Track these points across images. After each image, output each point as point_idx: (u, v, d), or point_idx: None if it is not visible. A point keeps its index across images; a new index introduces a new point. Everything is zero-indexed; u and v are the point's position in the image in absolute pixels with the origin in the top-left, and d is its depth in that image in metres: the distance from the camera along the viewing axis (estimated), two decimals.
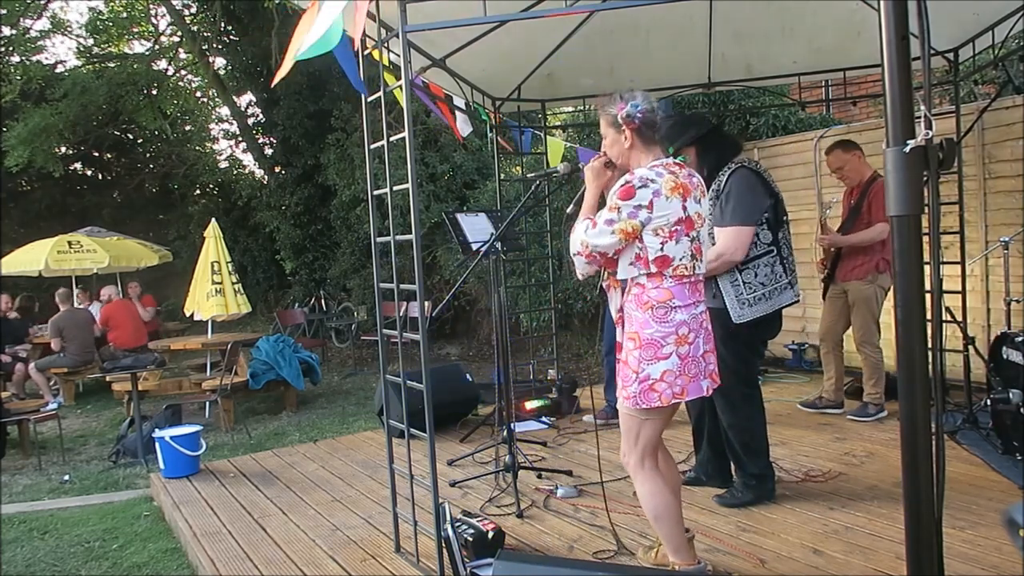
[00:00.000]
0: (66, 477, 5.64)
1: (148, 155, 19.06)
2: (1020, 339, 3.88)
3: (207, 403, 7.54)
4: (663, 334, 2.50)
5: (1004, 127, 5.27)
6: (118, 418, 7.68)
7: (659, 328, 2.50)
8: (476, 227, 4.39)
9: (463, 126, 5.05)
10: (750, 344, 3.51)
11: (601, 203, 2.69)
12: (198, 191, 18.67)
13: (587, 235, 2.52)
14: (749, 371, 3.57)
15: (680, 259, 2.51)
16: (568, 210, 2.81)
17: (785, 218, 3.55)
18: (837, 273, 4.93)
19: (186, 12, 14.72)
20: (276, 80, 3.28)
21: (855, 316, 4.90)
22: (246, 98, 15.66)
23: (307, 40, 2.87)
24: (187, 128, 19.66)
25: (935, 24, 2.13)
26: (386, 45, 3.27)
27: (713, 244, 3.36)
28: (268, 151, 14.42)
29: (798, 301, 3.56)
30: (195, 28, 14.65)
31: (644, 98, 2.59)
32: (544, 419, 5.46)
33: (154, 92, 16.32)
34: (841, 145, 4.93)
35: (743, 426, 3.54)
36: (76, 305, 10.24)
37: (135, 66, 15.31)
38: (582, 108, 6.74)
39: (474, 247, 4.07)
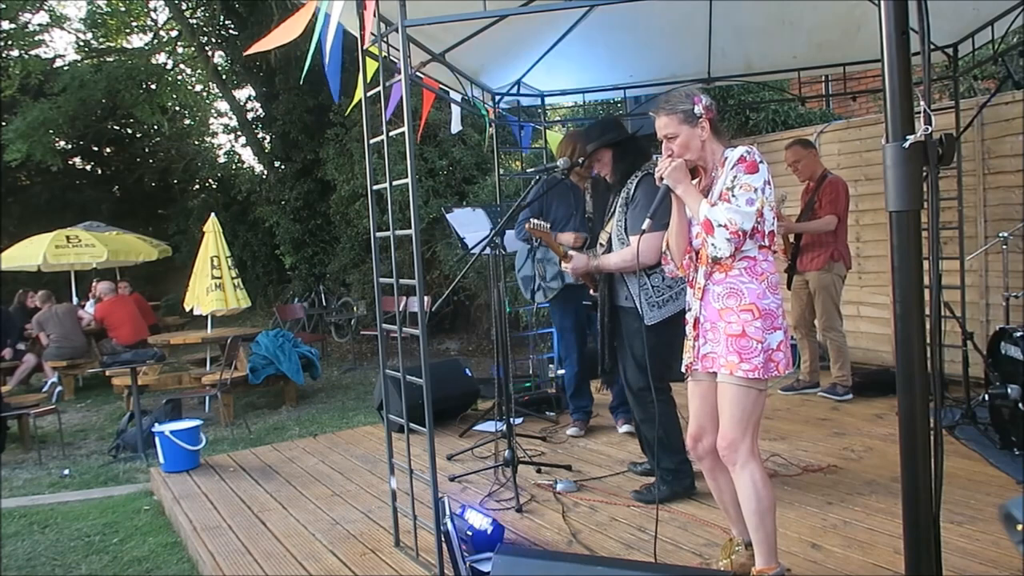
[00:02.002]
0: (66, 471, 5.65)
1: (147, 150, 19.04)
2: (1019, 334, 3.89)
3: (207, 398, 7.54)
4: (776, 305, 2.54)
5: (1003, 122, 5.26)
6: (118, 412, 7.68)
7: (773, 299, 2.53)
8: (475, 222, 4.39)
9: (454, 123, 5.06)
10: (667, 340, 3.46)
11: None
12: (197, 186, 18.67)
13: (731, 214, 2.44)
14: (661, 367, 3.51)
15: (777, 235, 2.60)
16: (644, 226, 2.72)
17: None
18: (798, 264, 5.43)
19: (185, 6, 14.69)
20: (251, 50, 3.34)
21: (818, 304, 5.35)
22: (245, 92, 15.65)
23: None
24: (186, 123, 19.64)
25: (935, 19, 2.13)
26: (385, 39, 3.27)
27: (622, 246, 3.51)
28: (267, 146, 14.41)
29: None
30: (194, 22, 14.61)
31: (698, 89, 2.63)
32: (547, 413, 5.48)
33: (153, 87, 16.29)
34: (800, 143, 5.45)
35: (653, 423, 3.58)
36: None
37: (133, 60, 15.28)
38: (581, 103, 6.73)
39: (470, 244, 4.07)
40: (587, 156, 3.78)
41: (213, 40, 14.45)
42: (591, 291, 3.83)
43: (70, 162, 17.91)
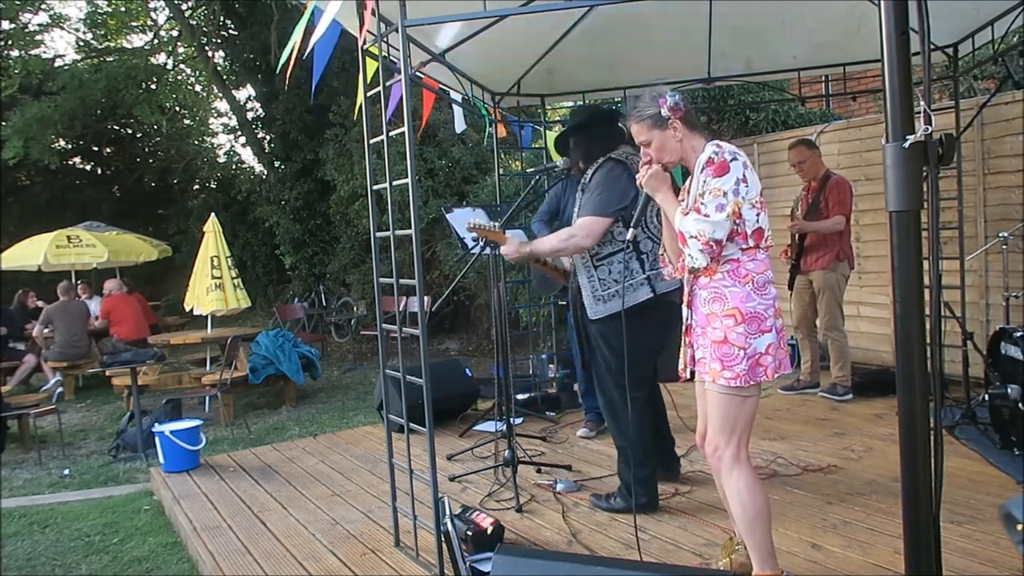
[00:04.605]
0: (66, 471, 5.65)
1: (147, 150, 19.04)
2: (1019, 334, 3.89)
3: (207, 398, 7.54)
4: (764, 306, 2.45)
5: (1003, 122, 5.27)
6: (118, 412, 7.68)
7: (761, 301, 2.44)
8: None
9: (458, 122, 5.05)
10: (630, 343, 3.30)
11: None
12: (197, 186, 18.66)
13: (701, 225, 2.37)
14: (630, 369, 3.29)
15: (767, 231, 2.47)
16: (629, 236, 2.80)
17: (653, 210, 3.30)
18: (802, 264, 5.44)
19: (185, 6, 14.70)
20: (282, 68, 3.39)
21: (821, 304, 5.35)
22: (245, 92, 15.65)
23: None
24: (186, 123, 19.63)
25: (935, 19, 2.13)
26: (385, 40, 3.27)
27: None
28: (267, 146, 14.42)
29: (655, 297, 3.33)
30: (194, 22, 14.62)
31: (665, 88, 2.55)
32: (547, 413, 5.48)
33: (153, 87, 16.29)
34: (804, 143, 5.46)
35: (620, 429, 3.49)
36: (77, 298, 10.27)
37: (133, 60, 15.28)
38: (581, 103, 6.73)
39: (470, 244, 4.07)
40: (564, 145, 3.68)
41: (213, 40, 14.44)
42: (557, 288, 3.79)
43: (70, 162, 17.90)
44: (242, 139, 16.87)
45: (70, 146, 17.23)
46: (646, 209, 2.74)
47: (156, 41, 16.79)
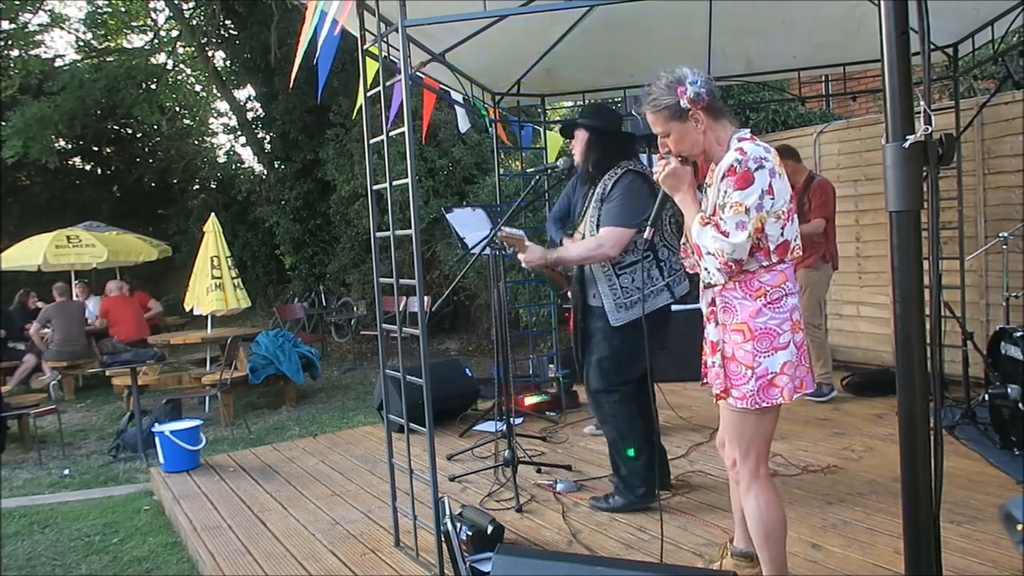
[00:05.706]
0: (66, 471, 5.65)
1: (147, 150, 19.03)
2: (1019, 334, 3.89)
3: (207, 398, 7.54)
4: (778, 321, 2.25)
5: (1003, 122, 5.27)
6: (118, 412, 7.68)
7: (773, 315, 2.25)
8: (475, 222, 4.38)
9: (462, 121, 5.03)
10: (629, 343, 3.41)
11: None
12: (197, 186, 18.67)
13: (720, 244, 2.20)
14: (622, 371, 3.47)
15: (795, 241, 2.29)
16: (647, 234, 2.59)
17: (668, 215, 3.45)
18: None
19: (185, 6, 14.70)
20: (292, 77, 3.40)
21: (802, 300, 5.19)
22: (245, 92, 15.66)
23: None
24: (186, 123, 19.63)
25: (935, 19, 2.13)
26: (385, 40, 3.27)
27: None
28: (267, 146, 14.42)
29: (675, 301, 3.50)
30: (194, 22, 14.62)
31: (692, 71, 2.32)
32: (548, 412, 5.47)
33: (153, 87, 16.28)
34: (778, 151, 5.28)
35: (611, 425, 3.53)
36: (75, 298, 10.28)
37: (134, 60, 15.28)
38: (581, 103, 6.72)
39: (470, 244, 4.06)
40: (570, 132, 3.69)
41: (213, 40, 14.44)
42: (564, 290, 3.80)
43: (70, 162, 17.89)
44: (242, 139, 16.87)
45: (70, 146, 17.21)
46: (663, 209, 2.61)
47: (156, 41, 16.78)
